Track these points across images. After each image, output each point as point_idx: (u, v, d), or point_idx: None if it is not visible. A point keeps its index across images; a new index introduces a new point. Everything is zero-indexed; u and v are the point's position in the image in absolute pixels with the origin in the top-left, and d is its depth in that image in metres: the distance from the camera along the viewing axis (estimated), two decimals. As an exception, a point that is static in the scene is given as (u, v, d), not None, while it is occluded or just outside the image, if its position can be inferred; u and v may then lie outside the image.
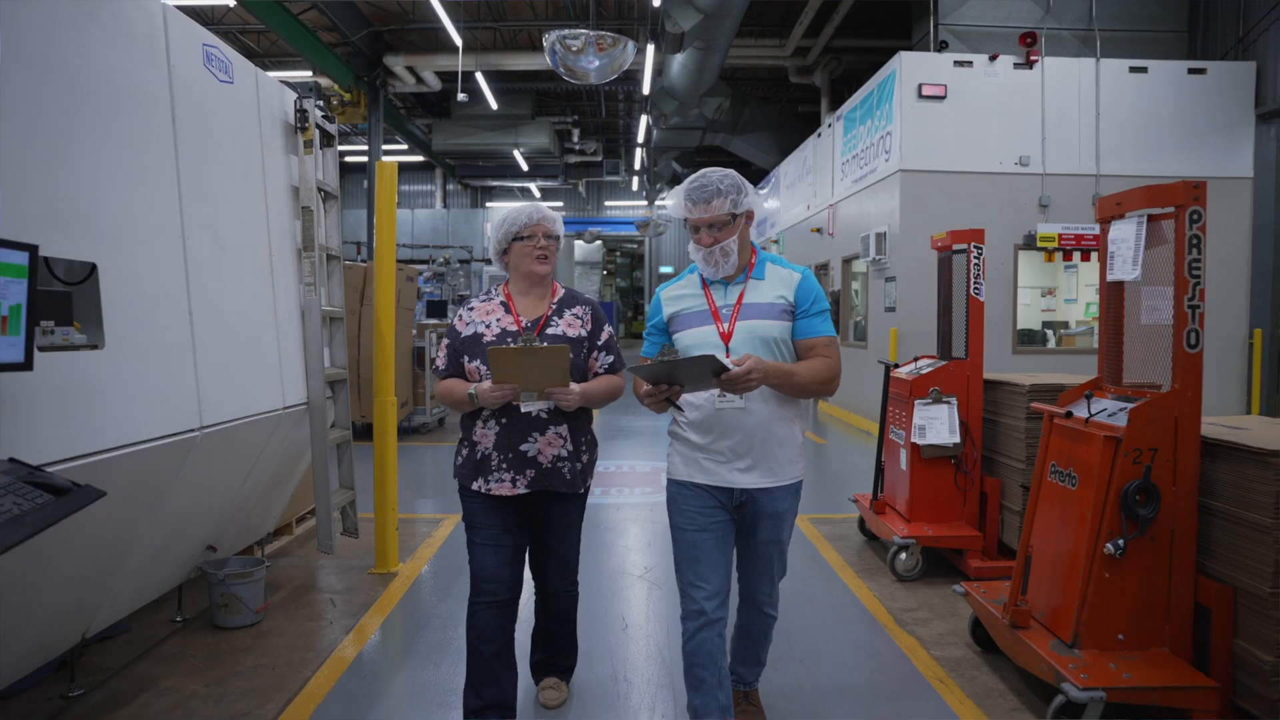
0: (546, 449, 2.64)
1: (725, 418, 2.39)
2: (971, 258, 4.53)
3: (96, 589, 2.93)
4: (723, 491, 2.44)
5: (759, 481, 2.43)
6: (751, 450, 2.41)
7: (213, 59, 3.28)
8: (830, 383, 2.41)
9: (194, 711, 2.95)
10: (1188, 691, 2.59)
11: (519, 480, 2.64)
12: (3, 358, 1.81)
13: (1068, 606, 2.89)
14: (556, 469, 2.66)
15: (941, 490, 4.54)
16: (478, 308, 2.78)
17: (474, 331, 2.71)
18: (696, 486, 2.46)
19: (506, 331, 2.68)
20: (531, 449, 2.63)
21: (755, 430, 2.40)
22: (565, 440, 2.67)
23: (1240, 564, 2.67)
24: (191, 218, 3.01)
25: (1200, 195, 2.74)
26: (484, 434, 2.66)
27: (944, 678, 3.25)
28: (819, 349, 2.42)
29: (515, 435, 2.62)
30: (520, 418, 2.62)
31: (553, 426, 2.64)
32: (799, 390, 2.40)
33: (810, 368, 2.38)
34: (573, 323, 2.75)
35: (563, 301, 2.79)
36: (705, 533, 2.43)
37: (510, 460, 2.62)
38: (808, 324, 2.43)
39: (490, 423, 2.65)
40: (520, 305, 2.76)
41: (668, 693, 3.12)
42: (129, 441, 2.54)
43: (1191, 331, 2.77)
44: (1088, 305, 10.51)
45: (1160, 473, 2.77)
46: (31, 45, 2.28)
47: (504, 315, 2.74)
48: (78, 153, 2.43)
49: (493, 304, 2.78)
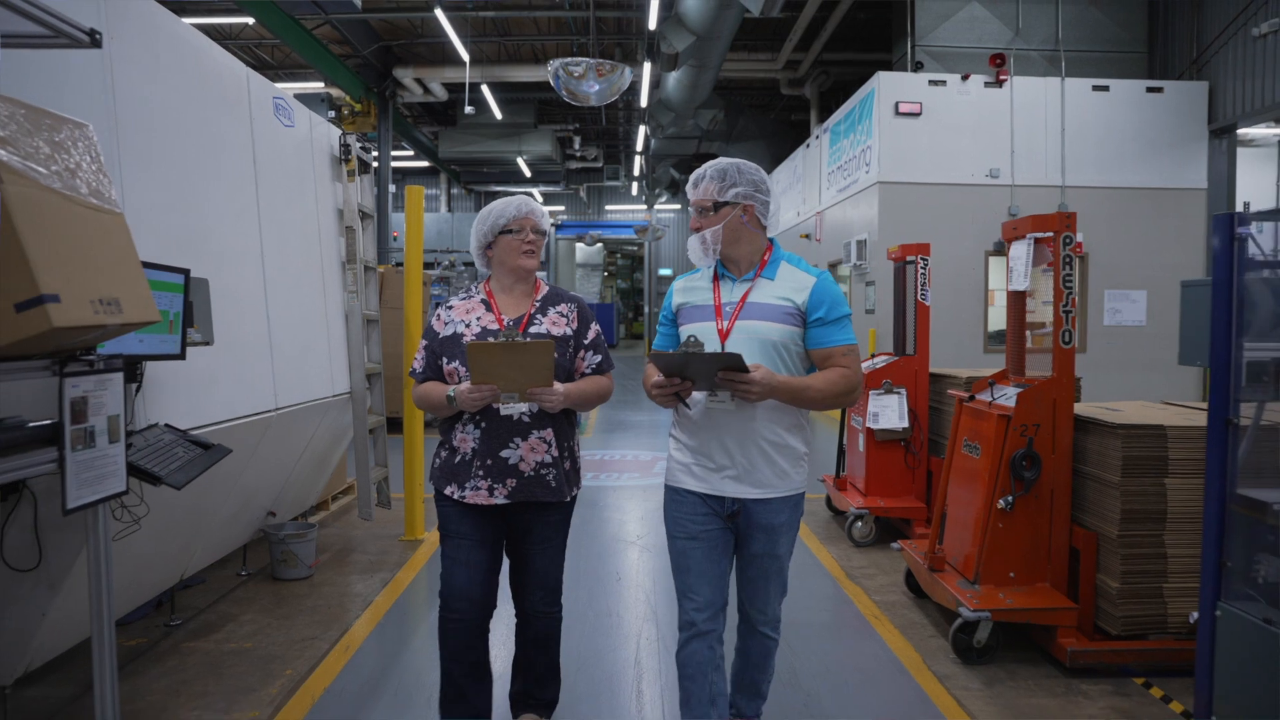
0: (529, 455, 2.48)
1: (716, 423, 2.30)
2: (919, 268, 5.25)
3: (191, 541, 3.66)
4: (714, 499, 2.35)
5: (749, 492, 2.32)
6: (740, 458, 2.31)
7: (280, 108, 4.00)
8: (849, 394, 2.28)
9: (270, 636, 3.68)
10: (1053, 611, 3.31)
11: (497, 489, 2.47)
12: (166, 350, 2.53)
13: (972, 552, 3.61)
14: (540, 476, 2.50)
15: (893, 469, 5.26)
16: (457, 306, 2.61)
17: (453, 331, 2.54)
18: (689, 493, 2.38)
19: (488, 330, 2.53)
20: (513, 456, 2.47)
21: (745, 438, 2.30)
22: (549, 445, 2.51)
23: (1100, 514, 3.39)
24: (268, 240, 3.74)
25: (1071, 224, 3.46)
26: (463, 438, 2.50)
27: (879, 615, 3.97)
28: (836, 359, 2.28)
29: (496, 441, 2.46)
30: (501, 421, 2.46)
31: (536, 431, 2.48)
32: (813, 405, 2.28)
33: (826, 380, 2.25)
34: (557, 320, 2.59)
35: (547, 299, 2.64)
36: (694, 541, 2.37)
37: (490, 467, 2.46)
38: (823, 333, 2.29)
39: (470, 427, 2.48)
40: (502, 303, 2.60)
41: (651, 625, 3.84)
42: (230, 417, 3.27)
43: (1066, 331, 3.49)
44: (1058, 307, 11.23)
45: (1042, 443, 3.49)
46: (160, 113, 3.00)
47: (485, 313, 2.57)
48: (194, 195, 3.16)
49: (473, 302, 2.61)
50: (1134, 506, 3.25)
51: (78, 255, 1.65)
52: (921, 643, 3.64)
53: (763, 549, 2.38)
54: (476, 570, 2.54)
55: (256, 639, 3.66)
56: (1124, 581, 3.25)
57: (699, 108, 15.33)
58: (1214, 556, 2.30)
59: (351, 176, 4.72)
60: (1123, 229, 10.15)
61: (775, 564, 2.41)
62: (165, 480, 2.24)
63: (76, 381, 1.79)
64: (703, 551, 2.36)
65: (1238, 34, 9.53)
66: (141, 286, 1.89)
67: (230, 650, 3.53)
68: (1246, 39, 9.37)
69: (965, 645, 3.39)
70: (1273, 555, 2.18)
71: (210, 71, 3.36)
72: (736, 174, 2.34)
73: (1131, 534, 3.25)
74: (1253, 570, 2.22)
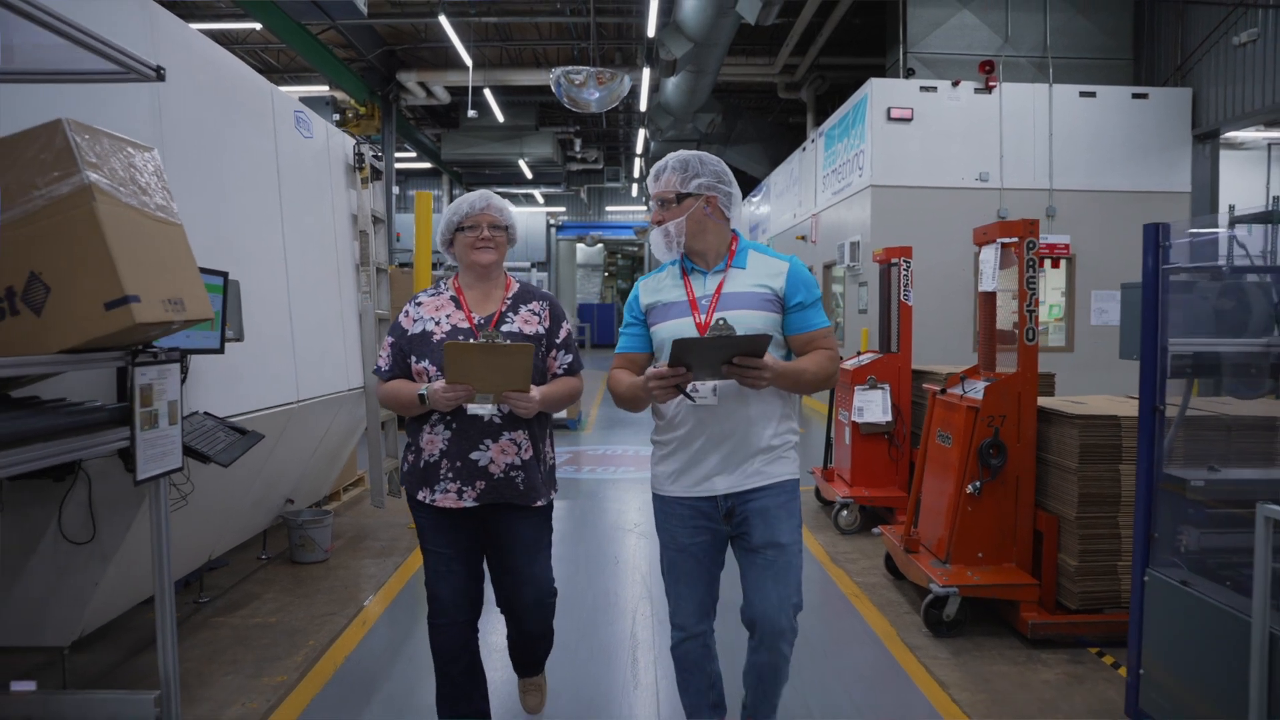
0: (499, 457, 2.42)
1: (704, 419, 2.25)
2: (902, 270, 5.53)
3: (219, 526, 3.94)
4: (706, 501, 2.29)
5: (740, 484, 2.26)
6: (723, 451, 2.26)
7: (300, 121, 4.29)
8: (834, 376, 2.30)
9: (292, 612, 3.96)
10: (1016, 587, 3.60)
11: (466, 492, 2.42)
12: (208, 345, 2.81)
13: (944, 534, 3.89)
14: (509, 479, 2.44)
15: (877, 460, 5.54)
16: (426, 303, 2.54)
17: (422, 329, 2.47)
18: (678, 500, 2.32)
19: (458, 328, 2.46)
20: (483, 458, 2.41)
21: (732, 430, 2.25)
22: (520, 448, 2.45)
23: (1061, 498, 3.67)
24: (290, 244, 4.02)
25: (1034, 230, 3.74)
26: (431, 439, 2.44)
27: (860, 594, 4.25)
28: (818, 341, 2.28)
29: (466, 442, 2.41)
30: (471, 422, 2.40)
31: (507, 433, 2.43)
32: (806, 387, 2.26)
33: (815, 362, 2.24)
34: (529, 319, 2.53)
35: (518, 296, 2.57)
36: (684, 553, 2.34)
37: (459, 469, 2.41)
38: (803, 317, 2.28)
39: (439, 427, 2.42)
40: (472, 300, 2.54)
41: (646, 604, 4.13)
42: (258, 407, 3.56)
43: (1029, 329, 3.77)
44: (1051, 307, 11.49)
45: (1008, 433, 3.77)
46: (198, 130, 3.29)
47: (454, 310, 2.51)
48: (226, 203, 3.44)
49: (442, 299, 2.54)
50: (1091, 491, 3.53)
51: (151, 261, 1.93)
52: (897, 618, 3.92)
53: (762, 538, 2.25)
54: (458, 579, 2.54)
55: (279, 615, 3.94)
56: (1081, 560, 3.53)
57: (698, 111, 15.62)
58: (1144, 529, 2.58)
59: (365, 183, 5.01)
60: (1109, 231, 10.42)
61: (781, 557, 2.24)
62: (214, 459, 2.52)
63: (144, 371, 2.06)
64: (692, 563, 2.34)
65: (1219, 42, 9.80)
66: (199, 288, 2.17)
67: (256, 624, 3.82)
68: (1228, 47, 9.65)
69: (936, 619, 3.67)
70: (1193, 527, 2.46)
71: (239, 89, 3.65)
72: (699, 165, 2.30)
73: (1088, 516, 3.53)
74: (1176, 540, 2.50)
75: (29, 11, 1.73)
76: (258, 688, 3.19)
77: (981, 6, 11.08)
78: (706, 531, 2.32)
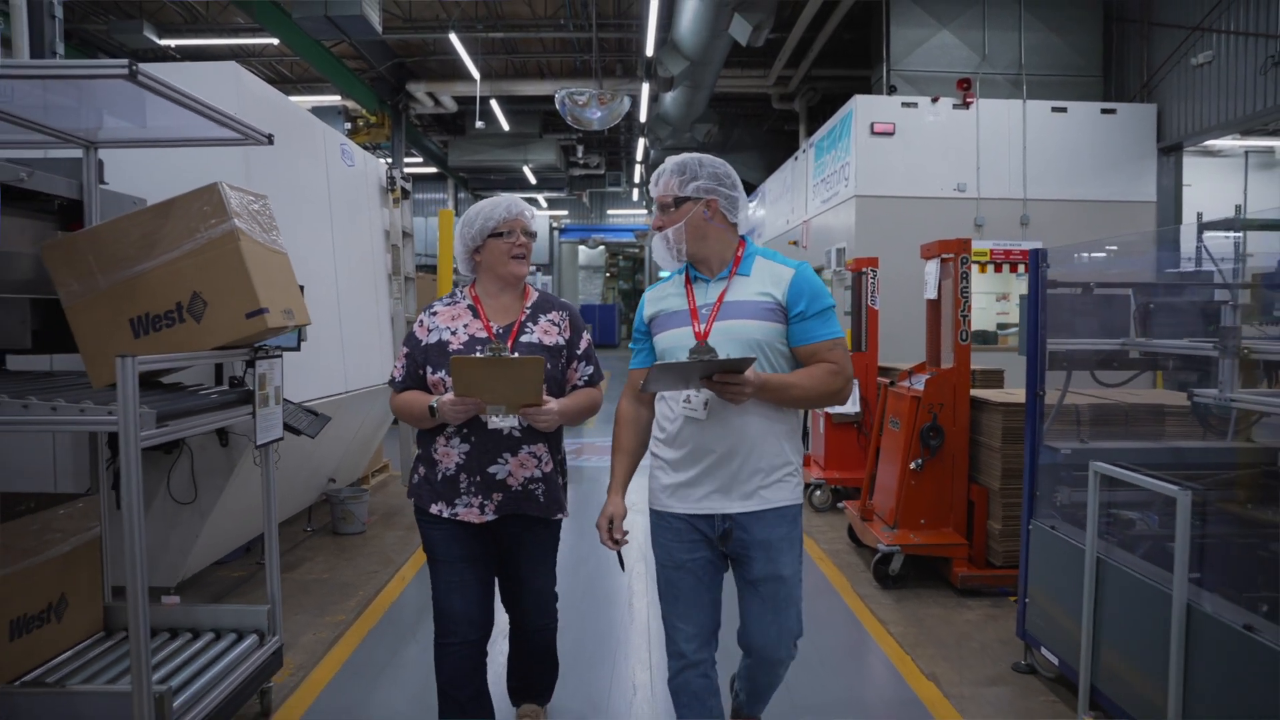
0: (518, 470, 2.39)
1: (698, 433, 2.17)
2: (869, 278, 6.23)
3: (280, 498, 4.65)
4: (702, 520, 2.21)
5: (738, 506, 2.17)
6: (723, 469, 2.17)
7: (345, 153, 5.00)
8: (840, 392, 2.16)
9: (340, 571, 4.68)
10: (948, 546, 4.31)
11: (487, 505, 2.38)
12: (289, 344, 3.52)
13: (893, 505, 4.59)
14: (529, 491, 2.41)
15: (847, 447, 6.25)
16: (441, 312, 2.48)
17: (438, 339, 2.42)
18: (675, 516, 2.25)
19: (475, 339, 2.41)
20: (501, 471, 2.37)
21: (731, 447, 2.16)
22: (541, 461, 2.42)
23: (988, 473, 4.37)
24: (339, 259, 4.74)
25: (967, 247, 4.45)
26: (447, 452, 2.39)
27: (824, 558, 4.96)
28: (821, 354, 2.14)
29: (484, 456, 2.36)
30: (489, 435, 2.35)
31: (526, 446, 2.39)
32: (800, 403, 2.18)
33: (811, 376, 2.13)
34: (549, 329, 2.48)
35: (537, 306, 2.52)
36: (681, 570, 2.25)
37: (478, 483, 2.37)
38: (806, 328, 2.15)
39: (455, 440, 2.37)
40: (490, 309, 2.48)
41: (642, 564, 4.83)
42: (319, 395, 4.27)
43: (963, 331, 4.47)
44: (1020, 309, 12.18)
45: (945, 418, 4.47)
46: (273, 170, 4.00)
47: (472, 320, 2.45)
48: (293, 227, 4.15)
49: (459, 308, 2.48)
50: (1012, 466, 4.22)
51: (272, 280, 2.62)
52: (853, 575, 4.63)
53: (763, 571, 2.18)
54: (472, 590, 2.47)
55: (330, 573, 4.65)
56: (1004, 524, 4.23)
57: (695, 121, 16.35)
58: (1029, 488, 3.29)
59: (396, 203, 5.72)
60: (1080, 238, 11.00)
61: (783, 590, 2.20)
62: (304, 432, 3.23)
63: (261, 363, 2.77)
64: (691, 580, 2.24)
65: (1180, 62, 10.51)
66: (300, 300, 2.87)
67: (312, 579, 4.53)
68: (1188, 67, 10.36)
69: (883, 574, 4.38)
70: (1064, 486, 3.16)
71: (299, 131, 4.36)
72: (697, 167, 2.20)
73: (1009, 488, 4.22)
74: (1052, 497, 3.20)
75: (192, 105, 2.43)
76: (322, 624, 3.91)
77: (960, 27, 11.80)
78: (704, 547, 2.24)
